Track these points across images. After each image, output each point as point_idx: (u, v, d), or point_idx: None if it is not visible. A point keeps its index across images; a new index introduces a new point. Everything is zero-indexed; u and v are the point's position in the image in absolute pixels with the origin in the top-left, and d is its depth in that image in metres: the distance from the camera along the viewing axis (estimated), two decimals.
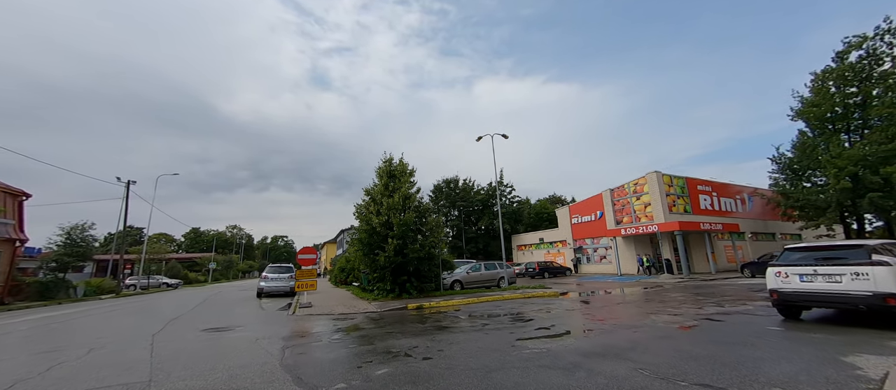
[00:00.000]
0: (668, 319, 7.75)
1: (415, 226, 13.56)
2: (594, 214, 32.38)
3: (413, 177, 14.99)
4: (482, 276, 16.94)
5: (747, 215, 32.11)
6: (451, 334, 6.95)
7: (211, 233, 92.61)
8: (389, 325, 8.32)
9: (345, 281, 22.44)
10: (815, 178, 27.14)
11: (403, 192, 14.02)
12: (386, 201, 13.50)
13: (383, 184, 14.49)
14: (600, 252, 31.64)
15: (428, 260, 13.65)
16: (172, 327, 8.68)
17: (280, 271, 17.16)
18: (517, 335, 6.60)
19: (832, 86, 27.12)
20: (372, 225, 13.41)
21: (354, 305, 12.13)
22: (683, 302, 10.69)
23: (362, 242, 13.77)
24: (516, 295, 13.49)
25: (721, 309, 9.01)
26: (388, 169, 15.02)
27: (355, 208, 14.85)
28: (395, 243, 12.79)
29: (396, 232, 12.94)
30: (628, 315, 8.84)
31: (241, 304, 14.37)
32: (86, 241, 21.94)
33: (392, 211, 13.31)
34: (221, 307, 13.63)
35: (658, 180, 27.07)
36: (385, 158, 15.27)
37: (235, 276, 65.86)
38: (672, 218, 26.12)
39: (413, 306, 11.44)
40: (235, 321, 9.63)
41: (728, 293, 12.58)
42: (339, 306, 12.06)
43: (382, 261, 12.85)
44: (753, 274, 19.91)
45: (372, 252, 13.51)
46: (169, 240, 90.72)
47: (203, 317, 10.66)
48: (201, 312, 12.04)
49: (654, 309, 9.55)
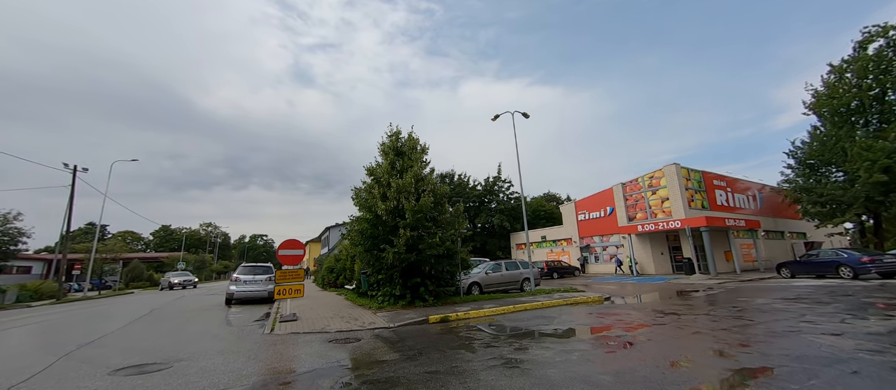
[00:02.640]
0: (855, 345, 5.18)
1: (432, 215, 10.65)
2: (603, 210, 30.25)
3: (426, 155, 12.06)
4: (504, 278, 14.21)
5: (759, 212, 30.74)
6: (536, 370, 4.14)
7: (182, 231, 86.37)
8: (420, 353, 5.43)
9: (334, 283, 19.22)
10: (836, 173, 25.90)
11: (415, 172, 11.08)
12: (395, 182, 10.53)
13: (389, 163, 11.51)
14: (610, 250, 29.51)
15: (448, 258, 10.78)
16: (66, 365, 5.41)
17: (256, 271, 13.85)
18: (671, 378, 3.85)
19: (852, 77, 25.97)
20: (377, 213, 10.41)
21: (355, 317, 9.12)
22: (805, 312, 8.23)
23: (364, 235, 10.75)
24: (556, 302, 10.80)
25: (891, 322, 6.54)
26: (395, 144, 12.05)
27: (353, 193, 11.80)
28: (408, 236, 9.85)
29: (409, 221, 10.00)
30: (771, 333, 6.24)
31: (202, 316, 11.04)
32: (8, 235, 17.74)
33: (403, 195, 10.35)
34: (172, 321, 10.26)
35: (677, 173, 25.11)
36: (390, 131, 12.28)
37: (209, 277, 60.73)
38: (692, 213, 24.19)
39: (436, 318, 8.55)
40: (180, 348, 6.46)
41: (823, 298, 10.24)
42: (334, 319, 9.02)
43: (390, 258, 9.88)
44: (793, 274, 18.00)
45: (376, 247, 10.51)
46: (135, 239, 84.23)
47: (132, 341, 7.38)
48: (136, 331, 8.69)
49: (792, 323, 6.99)
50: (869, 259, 14.83)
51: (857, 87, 24.48)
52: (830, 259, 16.37)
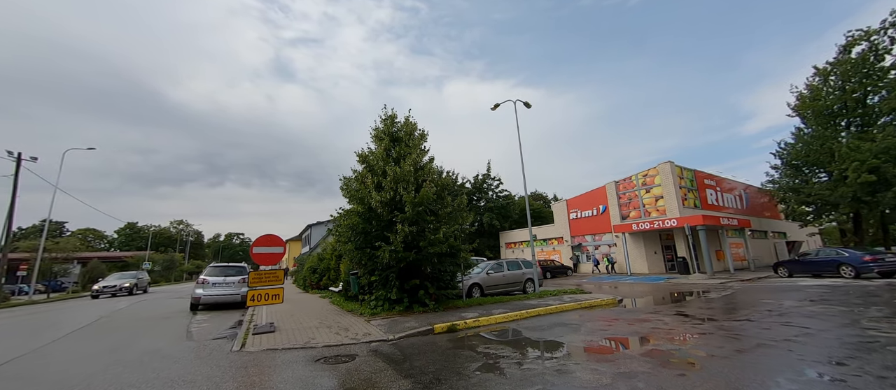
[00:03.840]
0: None
1: (433, 208, 9.37)
2: (595, 209, 29.76)
3: (425, 142, 10.75)
4: (505, 278, 13.09)
5: (745, 211, 31.05)
6: None
7: (151, 229, 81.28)
8: (438, 380, 4.17)
9: (317, 284, 17.60)
10: (819, 174, 26.30)
11: (414, 160, 9.78)
12: (391, 170, 9.18)
13: (384, 149, 10.15)
14: (602, 249, 29.03)
15: (451, 257, 9.52)
16: None
17: (227, 272, 12.12)
18: None
19: (836, 80, 26.46)
20: (370, 205, 9.05)
21: (346, 326, 7.74)
22: (852, 314, 7.46)
23: (354, 230, 9.35)
24: (570, 305, 9.76)
25: None
26: (390, 129, 10.68)
27: (343, 183, 10.36)
28: (407, 231, 8.54)
29: (408, 214, 8.69)
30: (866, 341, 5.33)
31: (158, 327, 9.31)
32: None
33: (401, 184, 9.03)
34: (119, 333, 8.50)
35: (672, 171, 24.80)
36: (385, 115, 10.90)
37: (178, 278, 56.96)
38: (687, 212, 23.92)
39: (442, 327, 7.29)
40: (114, 377, 4.91)
41: (851, 299, 9.63)
42: (320, 329, 7.61)
43: (386, 257, 8.55)
44: (791, 273, 17.79)
45: (369, 244, 9.14)
46: (98, 237, 78.58)
47: (52, 365, 5.72)
48: (66, 349, 6.99)
49: (857, 330, 6.14)
50: (871, 258, 14.65)
51: (841, 90, 24.90)
52: (830, 258, 16.17)
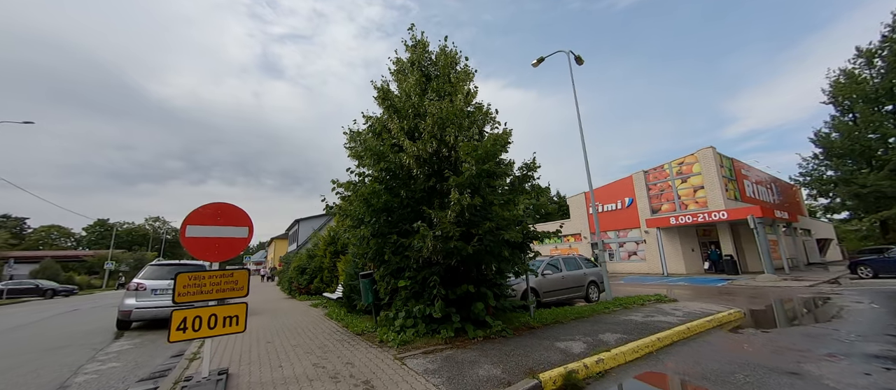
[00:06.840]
0: None
1: (499, 171, 5.84)
2: (620, 202, 26.70)
3: (471, 82, 7.15)
4: (564, 282, 9.67)
5: (779, 206, 28.52)
6: None
7: (124, 226, 75.39)
8: None
9: (306, 288, 13.83)
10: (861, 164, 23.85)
11: (463, 95, 6.25)
12: (435, 107, 5.60)
13: (416, 81, 6.56)
14: (629, 247, 25.98)
15: (521, 249, 6.02)
16: None
17: (173, 274, 8.38)
18: None
19: (880, 63, 24.14)
20: (399, 162, 5.47)
21: (365, 378, 4.17)
22: None
23: (369, 204, 5.67)
24: (701, 324, 6.39)
25: None
26: (419, 59, 7.10)
27: (347, 136, 6.73)
28: (466, 203, 4.97)
29: (466, 176, 5.12)
30: None
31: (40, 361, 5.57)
32: None
33: (451, 128, 5.48)
34: None
35: (714, 159, 21.85)
36: (412, 40, 7.32)
37: None
38: (731, 204, 21.03)
39: (552, 379, 3.79)
40: None
41: None
42: (317, 384, 4.03)
43: (427, 246, 4.97)
44: (876, 273, 14.99)
45: (394, 226, 5.57)
46: (64, 234, 72.24)
47: None
48: None
49: None
50: None
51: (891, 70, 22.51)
52: None
